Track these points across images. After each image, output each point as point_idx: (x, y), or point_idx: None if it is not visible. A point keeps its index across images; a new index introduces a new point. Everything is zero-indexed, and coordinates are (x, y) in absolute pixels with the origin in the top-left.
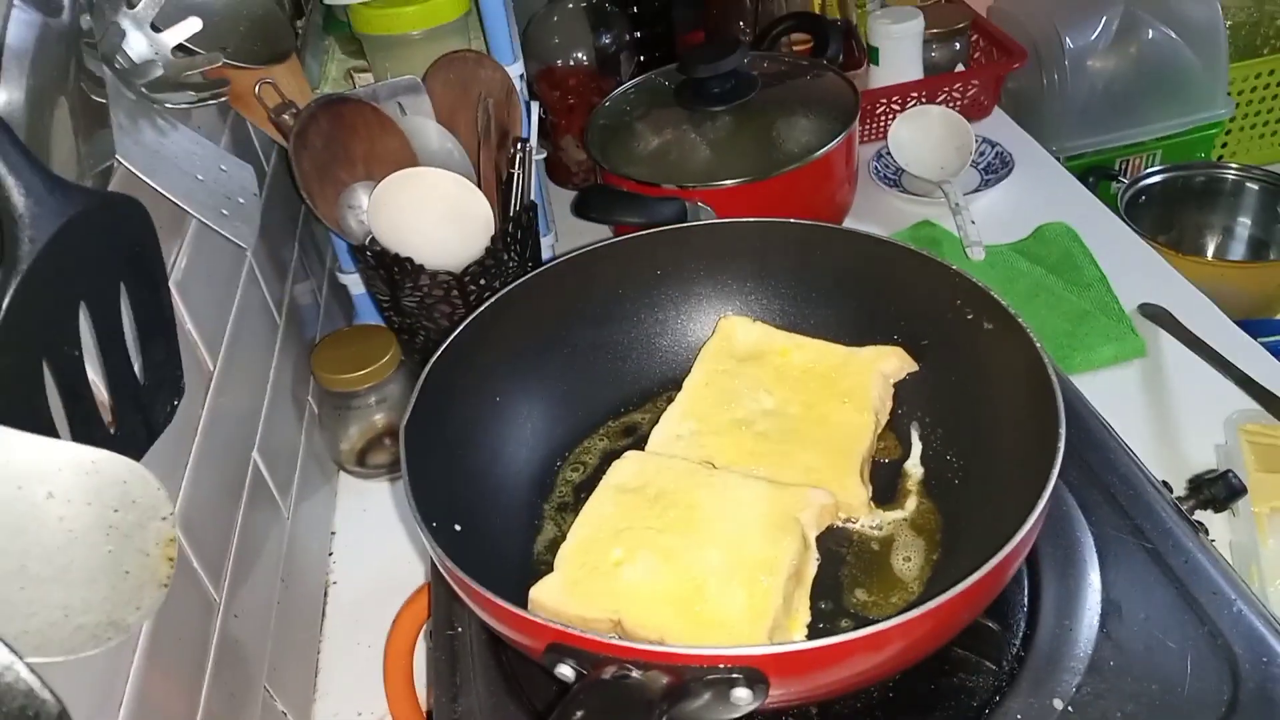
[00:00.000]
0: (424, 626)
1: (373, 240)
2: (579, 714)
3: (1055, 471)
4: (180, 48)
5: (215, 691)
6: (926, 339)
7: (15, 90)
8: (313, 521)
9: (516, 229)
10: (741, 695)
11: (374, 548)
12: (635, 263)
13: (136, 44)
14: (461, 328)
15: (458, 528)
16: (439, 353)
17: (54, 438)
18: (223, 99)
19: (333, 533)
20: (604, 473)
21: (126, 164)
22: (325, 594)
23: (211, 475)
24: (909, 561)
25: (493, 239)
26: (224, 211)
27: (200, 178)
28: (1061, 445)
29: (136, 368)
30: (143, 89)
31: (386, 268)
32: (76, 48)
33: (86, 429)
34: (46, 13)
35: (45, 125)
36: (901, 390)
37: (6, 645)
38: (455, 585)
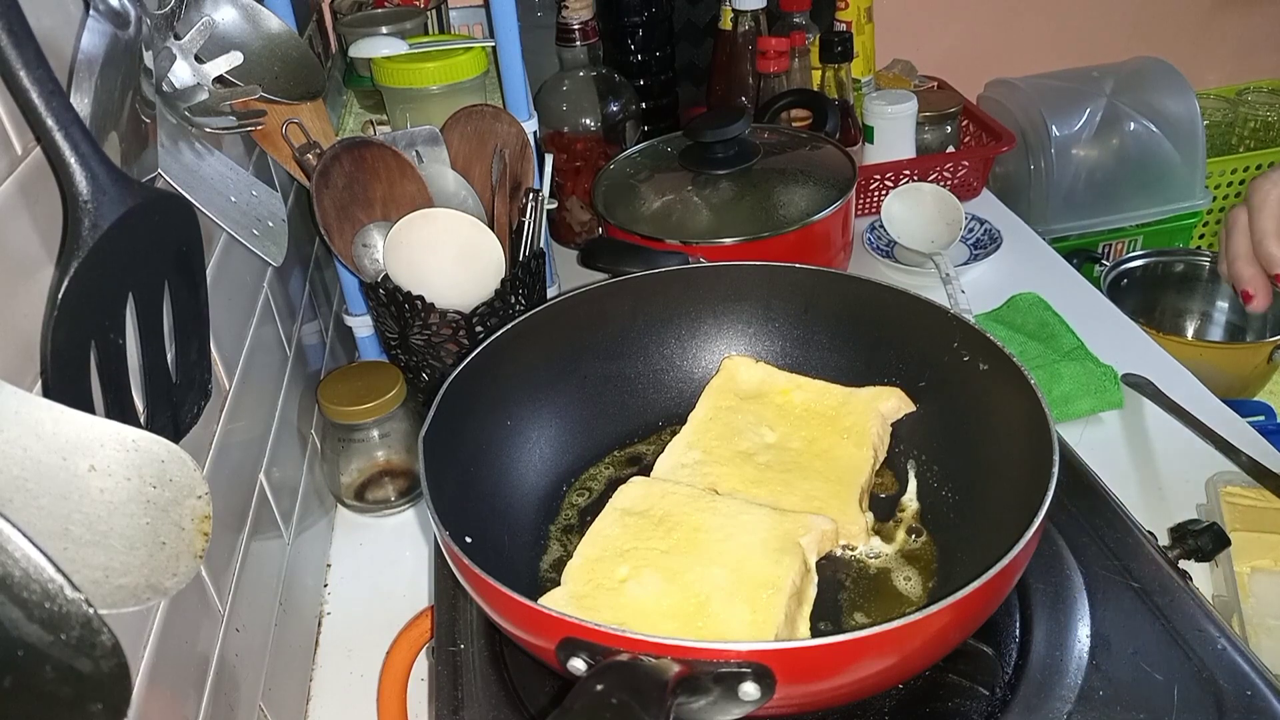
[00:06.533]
0: (425, 646)
1: (385, 278)
2: (599, 687)
3: (1053, 478)
4: (220, 80)
5: (216, 702)
6: (924, 380)
7: (84, 94)
8: (310, 552)
9: (525, 274)
10: (749, 690)
11: (368, 582)
12: (647, 300)
13: (181, 73)
14: (479, 350)
15: (468, 539)
16: (457, 371)
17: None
18: (259, 127)
19: (328, 565)
20: (609, 499)
21: (168, 179)
22: (319, 623)
23: (221, 491)
24: (906, 588)
25: (502, 282)
26: (255, 231)
27: (233, 199)
28: (1057, 462)
29: (170, 365)
30: (186, 112)
31: (397, 305)
32: (138, 65)
33: (121, 417)
34: (117, 25)
35: (105, 130)
36: (899, 429)
37: (60, 570)
38: (469, 584)
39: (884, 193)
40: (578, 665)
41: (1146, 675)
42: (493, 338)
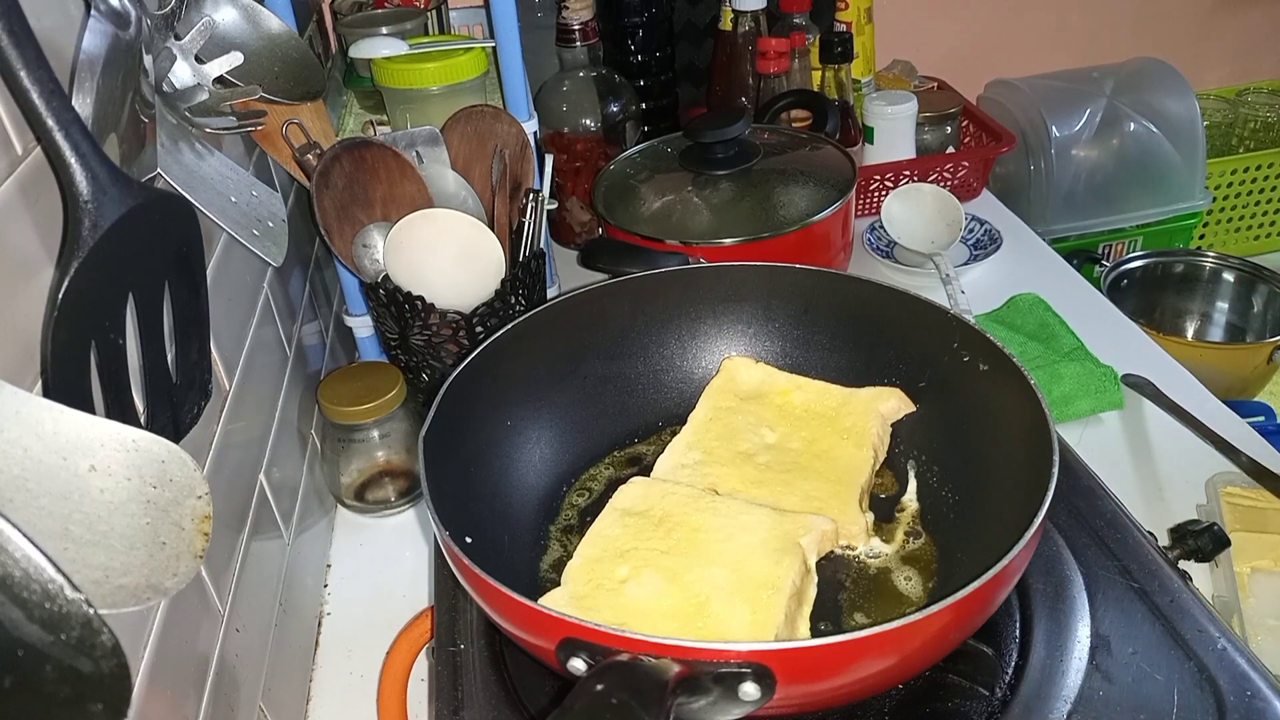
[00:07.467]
0: (425, 646)
1: (385, 279)
2: (599, 687)
3: (1053, 478)
4: (220, 80)
5: (216, 702)
6: (924, 380)
7: (86, 95)
8: (310, 552)
9: (525, 275)
10: (749, 690)
11: (368, 582)
12: (647, 300)
13: (181, 73)
14: (479, 350)
15: (469, 539)
16: (457, 371)
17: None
18: (259, 127)
19: (328, 565)
20: (609, 499)
21: (168, 179)
22: (319, 623)
23: (221, 491)
24: (906, 588)
25: (502, 282)
26: (255, 232)
27: (234, 200)
28: (1057, 462)
29: (170, 365)
30: (186, 112)
31: (398, 305)
32: (138, 65)
33: (121, 417)
34: (117, 26)
35: (105, 130)
36: (899, 429)
37: (60, 570)
38: (469, 584)
39: (884, 193)
40: (578, 665)
41: (1147, 676)
42: (493, 338)
